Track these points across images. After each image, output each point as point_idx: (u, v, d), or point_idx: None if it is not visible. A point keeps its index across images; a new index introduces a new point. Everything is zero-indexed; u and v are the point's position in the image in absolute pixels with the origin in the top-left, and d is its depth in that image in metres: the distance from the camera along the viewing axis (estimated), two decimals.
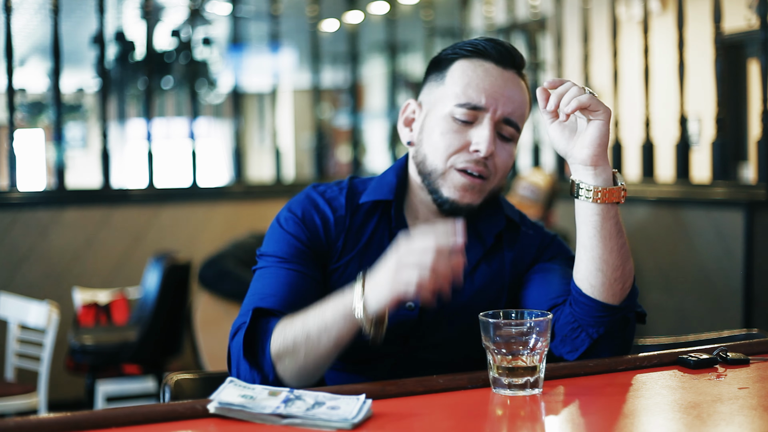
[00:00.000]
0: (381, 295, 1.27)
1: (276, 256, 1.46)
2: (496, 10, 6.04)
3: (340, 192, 1.53)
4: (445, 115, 1.47)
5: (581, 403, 1.19)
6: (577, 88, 1.34)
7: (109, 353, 3.80)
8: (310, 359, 1.32)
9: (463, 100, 1.45)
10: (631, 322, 1.42)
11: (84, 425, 1.08)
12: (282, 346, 1.33)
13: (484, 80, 1.46)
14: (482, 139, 1.44)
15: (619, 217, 1.37)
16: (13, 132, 4.51)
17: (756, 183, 3.62)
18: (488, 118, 1.45)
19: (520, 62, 1.51)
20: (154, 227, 4.70)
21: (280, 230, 1.49)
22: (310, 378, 1.35)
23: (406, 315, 1.47)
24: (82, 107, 12.41)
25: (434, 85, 1.52)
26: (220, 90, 9.21)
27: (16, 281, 4.36)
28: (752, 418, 1.09)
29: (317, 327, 1.31)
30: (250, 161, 12.56)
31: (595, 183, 1.35)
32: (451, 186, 1.46)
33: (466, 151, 1.46)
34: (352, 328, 1.30)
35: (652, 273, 4.00)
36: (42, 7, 8.26)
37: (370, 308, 1.27)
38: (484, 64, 1.48)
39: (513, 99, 1.47)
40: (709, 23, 3.94)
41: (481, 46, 1.49)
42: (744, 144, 5.90)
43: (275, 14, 5.26)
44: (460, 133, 1.46)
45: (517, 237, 1.56)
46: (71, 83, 10.86)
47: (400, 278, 1.24)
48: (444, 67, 1.51)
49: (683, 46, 4.06)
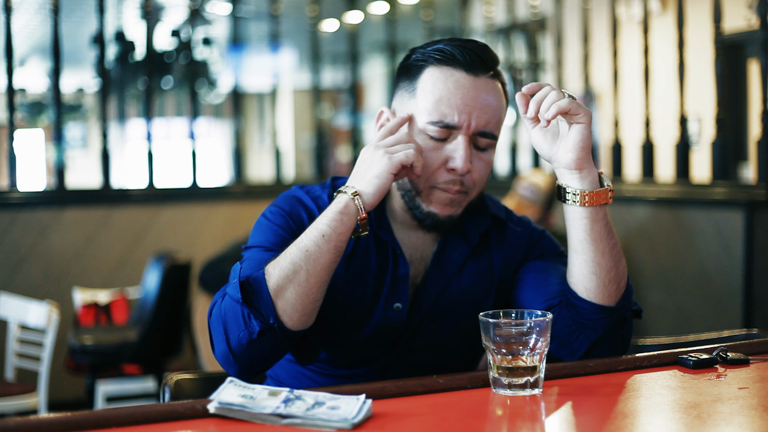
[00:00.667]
0: (373, 177, 1.35)
1: (260, 245, 1.46)
2: (496, 10, 6.04)
3: (323, 191, 1.53)
4: (419, 132, 1.44)
5: (581, 403, 1.19)
6: (556, 93, 1.33)
7: (109, 353, 3.80)
8: (312, 278, 1.31)
9: (435, 118, 1.42)
10: (629, 320, 1.42)
11: (84, 425, 1.08)
12: (280, 274, 1.31)
13: (455, 94, 1.42)
14: (458, 157, 1.42)
15: (609, 218, 1.37)
16: (13, 132, 4.51)
17: (756, 183, 3.62)
18: (462, 135, 1.43)
19: (492, 63, 1.48)
20: (154, 227, 4.70)
21: (266, 222, 1.49)
22: (314, 307, 1.34)
23: (394, 317, 1.47)
24: (82, 107, 12.42)
25: (405, 94, 1.48)
26: (220, 90, 9.21)
27: (16, 281, 4.36)
28: (752, 418, 1.09)
29: (314, 239, 1.32)
30: (250, 161, 12.57)
31: (581, 187, 1.34)
32: (431, 202, 1.46)
33: (444, 170, 1.44)
34: (349, 226, 1.33)
35: (652, 273, 4.00)
36: (42, 7, 8.26)
37: (367, 191, 1.34)
38: (455, 73, 1.44)
39: (487, 109, 1.44)
40: (709, 23, 3.94)
41: (449, 51, 1.44)
42: (744, 144, 5.90)
43: (275, 14, 5.26)
44: (436, 150, 1.44)
45: (505, 235, 1.56)
46: (71, 83, 10.87)
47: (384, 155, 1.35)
48: (414, 76, 1.47)
49: (683, 46, 4.06)
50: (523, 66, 7.03)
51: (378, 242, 1.50)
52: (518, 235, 1.56)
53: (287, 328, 1.32)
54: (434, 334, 1.50)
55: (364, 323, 1.48)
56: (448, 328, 1.50)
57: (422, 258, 1.52)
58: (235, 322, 1.32)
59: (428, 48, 1.47)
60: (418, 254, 1.52)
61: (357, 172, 1.39)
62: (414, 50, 1.50)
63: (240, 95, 5.48)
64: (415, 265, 1.51)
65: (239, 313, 1.31)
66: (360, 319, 1.48)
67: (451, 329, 1.50)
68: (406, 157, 1.37)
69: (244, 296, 1.32)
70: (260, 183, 5.52)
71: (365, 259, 1.49)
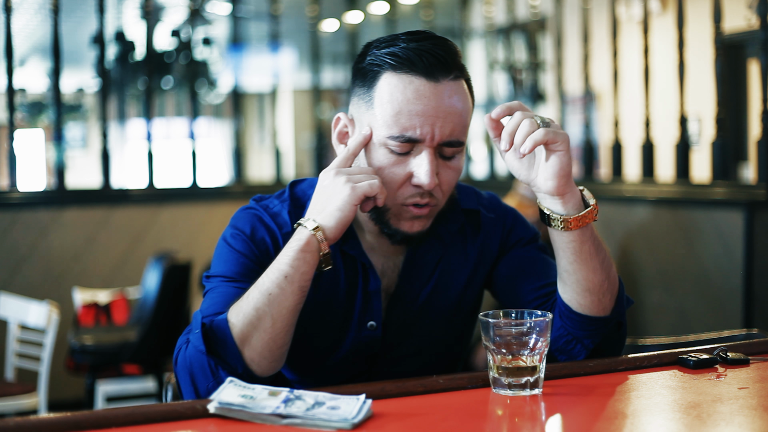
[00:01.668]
0: (335, 209, 1.29)
1: (223, 276, 1.38)
2: (496, 10, 6.04)
3: (282, 205, 1.44)
4: (379, 146, 1.34)
5: (581, 403, 1.19)
6: (529, 122, 1.24)
7: (109, 353, 3.80)
8: (278, 323, 1.26)
9: (395, 132, 1.32)
10: (624, 323, 1.40)
11: (84, 425, 1.08)
12: (244, 322, 1.25)
13: (415, 105, 1.31)
14: (423, 173, 1.32)
15: (595, 232, 1.32)
16: (13, 132, 4.51)
17: (756, 183, 3.62)
18: (426, 147, 1.33)
19: (453, 64, 1.34)
20: (154, 227, 4.70)
21: (228, 249, 1.41)
22: (282, 351, 1.29)
23: (369, 335, 1.42)
24: (82, 107, 12.42)
25: (362, 103, 1.37)
26: (220, 90, 9.21)
27: (16, 281, 4.36)
28: (752, 418, 1.09)
29: (276, 281, 1.26)
30: (250, 161, 12.56)
31: (565, 212, 1.28)
32: (399, 219, 1.37)
33: (410, 184, 1.34)
34: (312, 263, 1.27)
35: (652, 273, 4.00)
36: (42, 7, 8.26)
37: (329, 225, 1.28)
38: (414, 80, 1.32)
39: (451, 117, 1.33)
40: (709, 23, 3.94)
41: (406, 56, 1.32)
42: (744, 144, 5.90)
43: (275, 14, 5.26)
44: (399, 164, 1.34)
45: (479, 224, 1.50)
46: (71, 83, 10.87)
47: (346, 185, 1.29)
48: (370, 83, 1.36)
49: (683, 46, 4.06)
50: (523, 66, 7.04)
51: (346, 257, 1.42)
52: (492, 222, 1.50)
53: (257, 375, 1.27)
54: (413, 342, 1.45)
55: (338, 345, 1.42)
56: (427, 333, 1.46)
57: (395, 266, 1.45)
58: (202, 372, 1.27)
59: (383, 50, 1.35)
60: (390, 263, 1.45)
61: (318, 202, 1.31)
62: (369, 49, 1.39)
63: (240, 95, 5.48)
64: (388, 274, 1.44)
65: (205, 364, 1.26)
66: (333, 342, 1.42)
67: (430, 334, 1.46)
68: (371, 188, 1.29)
69: (209, 347, 1.26)
70: (260, 183, 5.52)
71: (333, 277, 1.41)
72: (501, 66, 6.59)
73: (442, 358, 1.50)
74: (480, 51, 7.01)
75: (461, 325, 1.51)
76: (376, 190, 1.30)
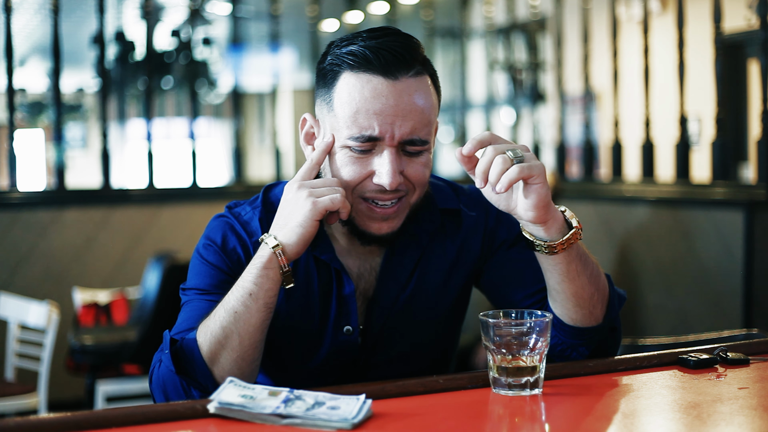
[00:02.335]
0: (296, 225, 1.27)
1: (197, 288, 1.38)
2: (496, 10, 6.04)
3: (254, 213, 1.43)
4: (341, 147, 1.32)
5: (581, 403, 1.19)
6: (502, 159, 1.21)
7: (109, 353, 3.80)
8: (245, 340, 1.26)
9: (355, 132, 1.30)
10: (618, 326, 1.40)
11: (84, 425, 1.08)
12: (212, 341, 1.26)
13: (373, 104, 1.29)
14: (384, 173, 1.30)
15: (581, 249, 1.31)
16: (13, 132, 4.51)
17: (756, 183, 3.62)
18: (387, 146, 1.30)
19: (413, 60, 1.32)
20: (154, 227, 4.70)
21: (200, 261, 1.41)
22: (253, 367, 1.29)
23: (347, 340, 1.41)
24: (82, 107, 12.42)
25: (324, 104, 1.36)
26: (220, 90, 9.21)
27: (16, 281, 4.36)
28: (752, 418, 1.09)
29: (241, 299, 1.26)
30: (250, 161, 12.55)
31: (548, 237, 1.27)
32: (364, 219, 1.34)
33: (370, 181, 1.32)
34: (276, 280, 1.26)
35: (652, 273, 4.00)
36: (42, 7, 8.26)
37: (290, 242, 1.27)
38: (372, 79, 1.30)
39: (411, 115, 1.30)
40: (709, 23, 3.94)
41: (363, 55, 1.30)
42: (744, 144, 5.90)
43: (275, 14, 5.26)
44: (360, 163, 1.32)
45: (460, 223, 1.47)
46: (71, 83, 10.87)
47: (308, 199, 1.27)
48: (330, 83, 1.34)
49: (683, 46, 4.05)
50: (523, 66, 7.04)
51: (318, 262, 1.41)
52: (473, 220, 1.47)
53: None
54: (395, 346, 1.44)
55: (315, 351, 1.41)
56: (409, 337, 1.44)
57: (372, 268, 1.43)
58: (175, 391, 1.28)
59: (343, 49, 1.33)
60: (366, 265, 1.43)
61: (280, 216, 1.30)
62: (330, 48, 1.37)
63: (240, 95, 5.48)
64: (365, 277, 1.42)
65: (177, 383, 1.27)
66: (310, 348, 1.41)
67: (412, 337, 1.44)
68: (332, 202, 1.27)
69: (178, 367, 1.27)
70: (260, 183, 5.52)
71: (307, 282, 1.40)
72: (501, 66, 6.59)
73: (427, 361, 1.48)
74: (480, 51, 7.01)
75: (444, 328, 1.49)
76: (338, 204, 1.28)
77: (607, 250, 4.24)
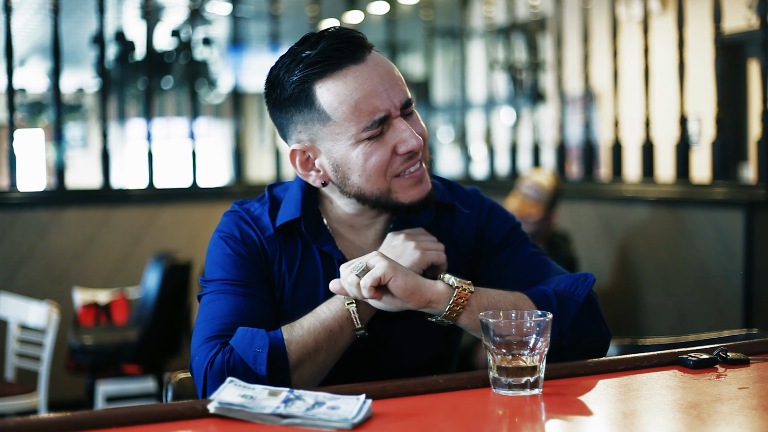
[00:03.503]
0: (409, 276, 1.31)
1: (223, 279, 1.41)
2: (496, 10, 6.04)
3: (263, 209, 1.47)
4: (354, 143, 1.35)
5: (581, 403, 1.19)
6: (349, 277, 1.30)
7: (109, 353, 3.80)
8: (329, 359, 1.34)
9: (366, 122, 1.34)
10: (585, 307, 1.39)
11: (84, 425, 1.08)
12: (302, 350, 1.31)
13: (365, 90, 1.34)
14: (406, 137, 1.36)
15: (486, 298, 1.33)
16: (13, 132, 4.51)
17: (756, 183, 3.62)
18: (393, 118, 1.36)
19: (361, 39, 1.37)
20: (154, 227, 4.70)
21: (222, 253, 1.44)
22: (321, 378, 1.35)
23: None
24: (82, 107, 12.41)
25: (314, 123, 1.37)
26: (220, 90, 9.21)
27: (16, 281, 4.36)
28: (752, 418, 1.09)
29: (339, 320, 1.33)
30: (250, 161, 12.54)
31: (440, 310, 1.32)
32: (405, 191, 1.39)
33: (396, 156, 1.37)
34: (373, 311, 1.35)
35: (652, 273, 4.00)
36: (42, 7, 8.26)
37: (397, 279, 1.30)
38: (347, 72, 1.34)
39: (394, 80, 1.37)
40: (709, 23, 3.93)
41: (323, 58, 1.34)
42: (744, 144, 5.90)
43: (275, 14, 5.26)
44: (381, 147, 1.36)
45: (453, 218, 1.51)
46: (71, 83, 10.87)
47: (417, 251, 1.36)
48: (307, 101, 1.36)
49: (683, 46, 4.05)
50: (523, 66, 7.04)
51: (323, 255, 1.45)
52: (467, 218, 1.51)
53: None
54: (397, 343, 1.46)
55: None
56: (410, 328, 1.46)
57: None
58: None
59: (296, 68, 1.36)
60: None
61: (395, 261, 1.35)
62: (277, 80, 1.39)
63: (240, 95, 5.48)
64: None
65: (252, 379, 1.28)
66: None
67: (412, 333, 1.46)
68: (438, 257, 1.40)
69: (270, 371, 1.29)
70: (260, 183, 5.52)
71: (314, 275, 1.45)
72: (501, 66, 6.59)
73: (428, 357, 1.50)
74: (480, 51, 7.01)
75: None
76: (443, 259, 1.39)
77: (607, 250, 4.25)
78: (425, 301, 1.31)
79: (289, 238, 1.45)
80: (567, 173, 5.10)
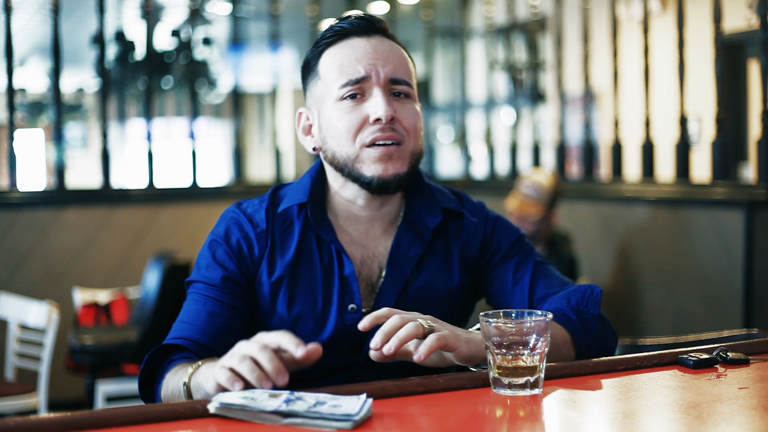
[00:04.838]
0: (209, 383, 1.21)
1: (202, 282, 1.47)
2: (496, 10, 6.04)
3: (261, 205, 1.51)
4: (334, 103, 1.43)
5: (581, 403, 1.19)
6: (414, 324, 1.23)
7: (109, 353, 3.80)
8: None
9: (343, 80, 1.42)
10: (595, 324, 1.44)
11: (84, 425, 1.08)
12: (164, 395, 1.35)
13: (355, 53, 1.43)
14: (378, 106, 1.40)
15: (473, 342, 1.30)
16: (13, 132, 4.51)
17: (756, 183, 3.62)
18: (375, 85, 1.42)
19: (383, 27, 1.48)
20: (154, 227, 4.70)
21: (207, 256, 1.49)
22: None
23: (351, 318, 1.45)
24: (82, 107, 12.41)
25: (313, 84, 1.49)
26: (220, 90, 9.21)
27: (16, 281, 4.36)
28: (752, 418, 1.09)
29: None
30: (250, 161, 12.55)
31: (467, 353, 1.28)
32: (370, 163, 1.42)
33: (368, 125, 1.41)
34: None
35: (652, 273, 4.00)
36: (42, 7, 8.26)
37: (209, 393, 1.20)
38: (348, 41, 1.45)
39: (389, 57, 1.44)
40: (709, 23, 3.93)
41: (337, 29, 1.46)
42: (744, 144, 5.90)
43: (275, 14, 5.26)
44: (355, 111, 1.42)
45: (461, 225, 1.54)
46: (71, 83, 10.86)
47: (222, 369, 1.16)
48: (314, 64, 1.48)
49: (683, 46, 4.05)
50: (523, 66, 7.03)
51: (321, 243, 1.48)
52: (474, 225, 1.55)
53: None
54: None
55: (321, 329, 1.46)
56: None
57: (374, 257, 1.50)
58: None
59: (318, 39, 1.49)
60: (369, 253, 1.50)
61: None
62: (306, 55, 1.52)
63: (240, 95, 5.48)
64: (367, 264, 1.49)
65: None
66: (316, 327, 1.46)
67: None
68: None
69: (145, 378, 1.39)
70: (260, 183, 5.52)
71: (310, 263, 1.48)
72: (501, 66, 6.59)
73: None
74: (480, 51, 7.01)
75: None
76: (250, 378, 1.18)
77: (607, 250, 4.25)
78: (475, 354, 1.29)
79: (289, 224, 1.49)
80: (567, 173, 5.10)
